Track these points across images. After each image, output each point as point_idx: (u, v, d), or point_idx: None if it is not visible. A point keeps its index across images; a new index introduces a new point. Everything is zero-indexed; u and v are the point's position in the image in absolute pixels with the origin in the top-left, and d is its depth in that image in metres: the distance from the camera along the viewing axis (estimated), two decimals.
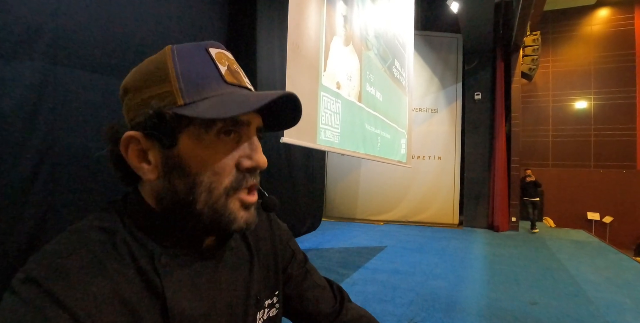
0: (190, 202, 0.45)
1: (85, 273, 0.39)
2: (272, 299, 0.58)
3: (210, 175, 0.45)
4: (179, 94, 0.43)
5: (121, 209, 0.47)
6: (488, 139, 8.12)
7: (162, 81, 0.44)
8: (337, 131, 2.75)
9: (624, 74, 9.45)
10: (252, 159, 0.47)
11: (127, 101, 0.47)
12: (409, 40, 5.42)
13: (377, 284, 3.84)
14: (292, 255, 0.66)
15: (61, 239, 0.42)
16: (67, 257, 0.39)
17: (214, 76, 0.45)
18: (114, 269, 0.41)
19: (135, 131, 0.45)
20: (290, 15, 2.18)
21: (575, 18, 10.03)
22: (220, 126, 0.44)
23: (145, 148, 0.45)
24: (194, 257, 0.48)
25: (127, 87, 0.47)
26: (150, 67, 0.46)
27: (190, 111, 0.43)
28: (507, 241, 6.63)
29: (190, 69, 0.45)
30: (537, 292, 3.78)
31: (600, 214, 9.31)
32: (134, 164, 0.45)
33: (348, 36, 2.97)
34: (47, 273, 0.37)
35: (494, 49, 8.08)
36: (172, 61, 0.45)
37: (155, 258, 0.44)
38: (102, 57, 2.72)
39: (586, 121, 9.72)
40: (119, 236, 0.44)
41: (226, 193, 0.46)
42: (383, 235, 6.87)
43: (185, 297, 0.45)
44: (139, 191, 0.48)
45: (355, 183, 8.73)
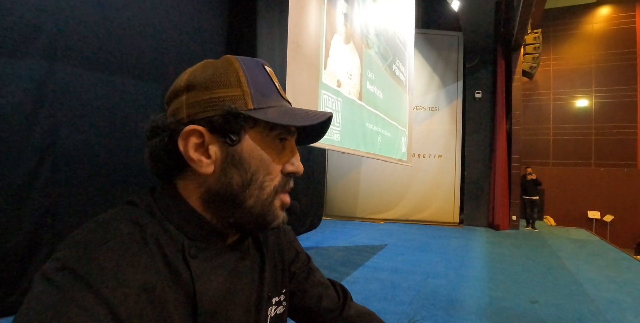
0: (244, 198, 0.49)
1: (119, 263, 0.40)
2: (279, 297, 0.61)
3: (265, 174, 0.50)
4: (250, 98, 0.48)
5: (150, 202, 0.49)
6: (489, 138, 8.12)
7: (233, 85, 0.49)
8: (337, 130, 2.75)
9: (624, 73, 9.44)
10: (295, 165, 0.53)
11: (190, 96, 0.49)
12: (409, 38, 5.41)
13: (377, 282, 3.84)
14: (296, 254, 0.69)
15: (91, 229, 0.43)
16: (100, 247, 0.40)
17: (272, 89, 0.52)
18: (144, 261, 0.42)
19: (199, 126, 0.47)
20: (290, 13, 2.18)
21: (576, 16, 10.01)
22: (278, 132, 0.51)
23: (207, 143, 0.48)
24: (219, 251, 0.51)
25: (195, 83, 0.49)
26: (219, 70, 0.50)
27: (262, 115, 0.48)
28: (507, 240, 6.64)
29: (257, 80, 0.50)
30: (538, 290, 3.78)
31: (600, 212, 9.31)
32: (192, 156, 0.47)
33: (348, 34, 2.97)
34: (83, 262, 0.39)
35: (494, 47, 8.06)
36: (242, 68, 0.50)
37: (185, 250, 0.46)
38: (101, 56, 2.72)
39: (587, 120, 9.71)
40: (148, 228, 0.45)
41: (275, 192, 0.51)
42: (383, 234, 6.87)
43: (211, 288, 0.48)
44: (175, 185, 0.51)
45: (356, 182, 8.73)
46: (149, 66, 3.01)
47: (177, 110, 0.50)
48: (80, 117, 2.58)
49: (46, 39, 2.38)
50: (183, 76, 0.51)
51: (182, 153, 0.48)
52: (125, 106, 2.83)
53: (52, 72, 2.42)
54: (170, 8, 3.19)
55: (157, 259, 0.44)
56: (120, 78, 2.80)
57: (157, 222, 0.47)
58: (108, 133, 2.75)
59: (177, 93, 0.51)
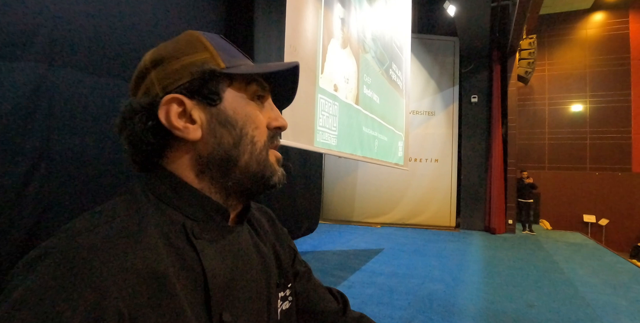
0: (237, 155, 0.48)
1: (113, 247, 0.37)
2: (285, 292, 0.59)
3: (253, 128, 0.49)
4: (220, 59, 0.48)
5: (143, 188, 0.47)
6: (485, 142, 8.16)
7: (200, 50, 0.48)
8: (334, 134, 2.75)
9: (618, 78, 9.53)
10: (278, 121, 0.53)
11: (159, 71, 0.48)
12: (406, 43, 5.44)
13: (374, 287, 3.83)
14: (294, 254, 0.67)
15: (82, 218, 0.41)
16: (92, 231, 0.37)
17: (238, 52, 0.53)
18: (143, 243, 0.39)
19: (176, 94, 0.46)
20: (287, 18, 2.19)
21: (570, 22, 10.11)
22: (254, 89, 0.51)
23: (188, 108, 0.47)
24: (221, 231, 0.49)
25: (161, 57, 0.49)
26: (181, 42, 0.50)
27: (236, 70, 0.48)
28: (503, 244, 6.65)
29: (220, 43, 0.51)
30: (534, 294, 3.78)
31: (596, 216, 9.36)
32: (176, 125, 0.46)
33: (345, 39, 2.98)
34: (71, 247, 0.35)
35: (490, 53, 8.13)
36: (204, 36, 0.50)
37: (187, 229, 0.44)
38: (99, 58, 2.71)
39: (582, 124, 9.78)
40: (146, 212, 0.43)
41: (266, 146, 0.51)
42: (380, 238, 6.87)
43: (221, 269, 0.45)
44: (164, 167, 0.48)
45: (353, 186, 8.74)
46: None
47: (148, 89, 0.48)
48: (76, 121, 2.57)
49: (43, 42, 2.38)
50: (145, 58, 0.51)
51: (165, 125, 0.46)
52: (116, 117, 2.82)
53: (48, 76, 2.41)
54: (168, 12, 3.20)
55: (158, 242, 0.41)
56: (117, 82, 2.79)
57: (153, 205, 0.44)
58: (104, 137, 2.74)
59: (142, 75, 0.49)
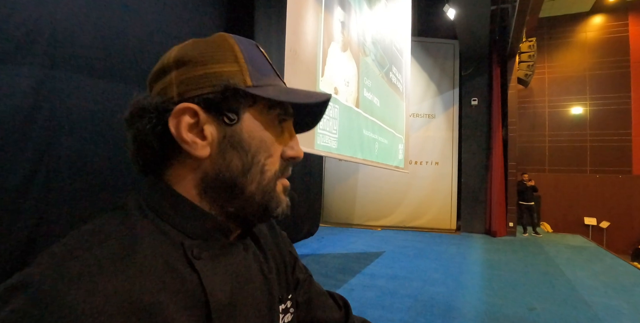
0: (244, 182, 0.44)
1: (100, 274, 0.33)
2: (285, 304, 0.56)
3: (266, 157, 0.46)
4: (248, 75, 0.44)
5: (140, 202, 0.43)
6: (485, 145, 8.16)
7: (230, 60, 0.44)
8: (334, 136, 2.76)
9: (618, 80, 9.54)
10: (295, 150, 0.49)
11: (181, 72, 0.44)
12: (406, 46, 5.45)
13: (375, 290, 3.82)
14: (294, 261, 0.65)
15: (69, 239, 0.37)
16: (73, 260, 0.34)
17: (269, 68, 0.49)
18: (134, 270, 0.36)
19: (193, 104, 0.43)
20: (288, 21, 2.19)
21: (570, 25, 10.13)
22: (277, 113, 0.47)
23: (202, 122, 0.43)
24: (223, 250, 0.46)
25: (186, 59, 0.44)
26: (213, 45, 0.46)
27: (262, 92, 0.44)
28: (504, 247, 6.63)
29: (254, 57, 0.47)
30: (535, 297, 3.77)
31: (597, 219, 9.34)
32: (185, 137, 0.42)
33: (345, 42, 2.99)
34: (48, 277, 0.32)
35: (490, 55, 8.14)
36: (238, 45, 0.46)
37: (186, 250, 0.41)
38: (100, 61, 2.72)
39: (582, 127, 9.78)
40: (139, 230, 0.40)
41: (276, 177, 0.47)
42: (381, 241, 6.86)
43: (222, 291, 0.42)
44: (162, 177, 0.45)
45: (353, 189, 8.73)
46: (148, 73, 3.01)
47: (165, 89, 0.44)
48: (77, 124, 2.58)
49: (44, 45, 2.39)
50: (171, 53, 0.46)
51: (173, 135, 0.42)
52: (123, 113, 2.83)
53: (50, 79, 2.42)
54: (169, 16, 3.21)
55: (152, 265, 0.37)
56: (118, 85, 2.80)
57: (149, 222, 0.41)
58: (105, 140, 2.74)
59: (164, 71, 0.46)
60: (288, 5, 2.19)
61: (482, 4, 6.20)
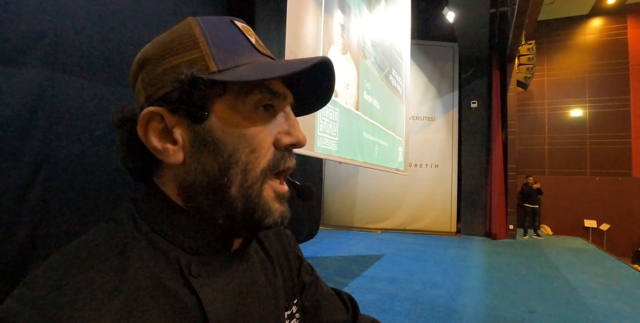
0: (224, 185, 0.39)
1: (83, 310, 0.30)
2: (291, 309, 0.53)
3: (247, 153, 0.39)
4: (211, 59, 0.38)
5: (134, 213, 0.40)
6: (485, 147, 8.16)
7: (189, 47, 0.39)
8: (334, 139, 2.76)
9: (617, 83, 9.55)
10: (292, 135, 0.42)
11: (144, 75, 0.40)
12: (405, 49, 5.47)
13: (375, 293, 3.81)
14: (300, 263, 0.61)
15: (54, 264, 0.34)
16: (54, 292, 0.31)
17: (245, 44, 0.41)
18: (126, 295, 0.33)
19: (158, 107, 0.38)
20: (288, 24, 2.20)
21: (569, 27, 10.16)
22: (258, 98, 0.40)
23: (170, 126, 0.39)
24: (223, 262, 0.42)
25: (146, 58, 0.41)
26: (173, 36, 0.41)
27: (228, 76, 0.38)
28: (505, 249, 6.63)
29: (220, 35, 0.40)
30: (536, 300, 3.76)
31: (597, 221, 9.33)
32: (155, 145, 0.38)
33: (345, 45, 3.00)
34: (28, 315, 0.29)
35: (489, 58, 8.17)
36: (199, 26, 0.40)
37: (183, 268, 0.37)
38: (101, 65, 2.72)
39: (581, 129, 9.79)
40: (131, 249, 0.36)
41: (263, 176, 0.40)
42: (381, 243, 6.85)
43: (223, 307, 0.39)
44: (156, 184, 0.41)
45: (353, 191, 8.73)
46: None
47: (137, 96, 0.41)
48: (77, 127, 2.58)
49: (45, 48, 2.39)
50: (137, 55, 0.42)
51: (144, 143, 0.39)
52: None
53: (50, 82, 2.42)
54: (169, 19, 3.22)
55: (144, 289, 0.34)
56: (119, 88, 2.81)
57: (143, 238, 0.38)
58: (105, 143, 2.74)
59: (134, 76, 0.42)
60: (288, 8, 2.19)
61: (481, 7, 6.22)
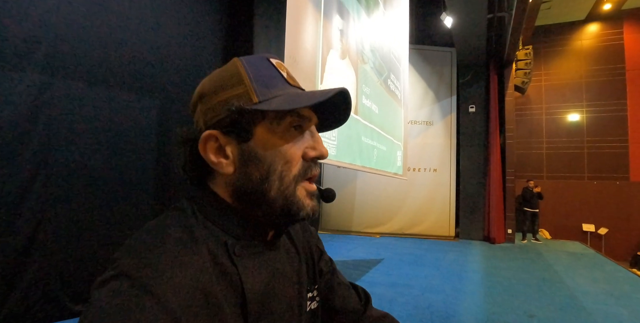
0: (265, 190, 0.50)
1: (173, 267, 0.41)
2: (312, 292, 0.63)
3: (282, 164, 0.51)
4: (253, 93, 0.50)
5: (193, 206, 0.51)
6: (483, 152, 8.18)
7: (236, 84, 0.51)
8: (333, 143, 2.77)
9: (614, 88, 9.62)
10: (316, 150, 0.54)
11: (202, 105, 0.52)
12: (404, 54, 5.49)
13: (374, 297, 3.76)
14: (320, 253, 0.71)
15: (142, 236, 0.45)
16: (153, 252, 0.42)
17: (279, 78, 0.53)
18: (196, 263, 0.44)
19: (214, 130, 0.50)
20: (287, 29, 2.21)
21: (565, 33, 10.24)
22: (289, 121, 0.51)
23: (223, 144, 0.51)
24: (260, 248, 0.53)
25: (204, 92, 0.53)
26: (224, 74, 0.53)
27: (266, 106, 0.49)
28: (503, 254, 6.62)
29: (259, 72, 0.52)
30: (535, 304, 3.76)
31: (595, 225, 9.34)
32: (212, 160, 0.50)
33: (344, 50, 3.01)
34: (138, 267, 0.40)
35: (487, 63, 8.21)
36: (243, 66, 0.52)
37: (229, 248, 0.49)
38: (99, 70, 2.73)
39: (579, 134, 9.83)
40: (196, 231, 0.47)
41: (295, 181, 0.52)
42: (380, 248, 6.84)
43: (257, 283, 0.50)
44: (211, 188, 0.53)
45: (352, 196, 8.72)
46: (147, 80, 3.03)
47: (196, 121, 0.53)
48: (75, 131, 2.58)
49: (44, 53, 2.40)
50: (197, 89, 0.54)
51: (204, 158, 0.51)
52: (121, 120, 2.84)
53: (49, 86, 2.43)
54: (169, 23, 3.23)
55: (207, 260, 0.45)
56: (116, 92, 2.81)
57: (201, 224, 0.49)
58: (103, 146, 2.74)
59: (193, 105, 0.55)
60: (287, 13, 2.21)
61: (478, 13, 6.26)
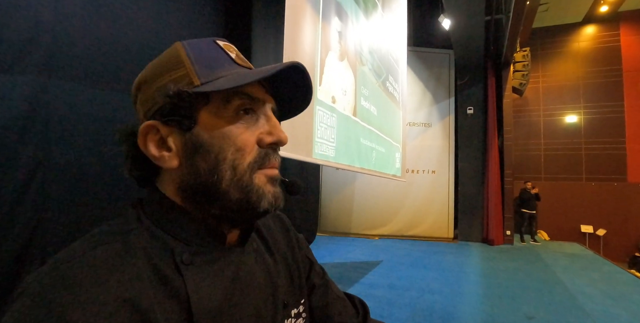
0: (215, 182, 0.44)
1: (92, 280, 0.35)
2: (298, 308, 0.56)
3: (233, 152, 0.44)
4: (194, 75, 0.44)
5: (138, 211, 0.46)
6: (481, 153, 8.19)
7: (175, 67, 0.45)
8: (332, 145, 2.77)
9: (611, 89, 9.66)
10: (273, 135, 0.47)
11: (141, 95, 0.47)
12: (402, 56, 5.51)
13: (373, 300, 3.79)
14: (310, 265, 0.65)
15: (71, 246, 0.40)
16: (68, 263, 0.36)
17: (225, 59, 0.47)
18: (125, 274, 0.38)
19: (153, 120, 0.45)
20: (286, 31, 2.22)
21: (563, 35, 10.29)
22: (238, 103, 0.45)
23: (164, 135, 0.45)
24: (216, 254, 0.46)
25: (140, 81, 0.47)
26: (162, 59, 0.47)
27: (208, 87, 0.43)
28: (502, 255, 6.62)
29: (202, 54, 0.46)
30: (534, 305, 3.76)
31: (593, 227, 9.36)
32: (154, 154, 0.45)
33: (343, 52, 3.02)
34: (50, 282, 0.35)
35: (485, 65, 8.23)
36: (184, 48, 0.46)
37: (175, 255, 0.42)
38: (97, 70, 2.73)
39: (576, 135, 9.86)
40: (132, 236, 0.41)
41: (250, 169, 0.46)
42: (378, 250, 6.83)
43: (210, 296, 0.42)
44: (157, 187, 0.47)
45: (350, 198, 8.71)
46: None
47: (137, 112, 0.48)
48: (72, 132, 2.57)
49: (42, 54, 2.39)
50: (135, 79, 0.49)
51: (145, 154, 0.45)
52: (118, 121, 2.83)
53: (47, 88, 2.42)
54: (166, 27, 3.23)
55: (142, 269, 0.39)
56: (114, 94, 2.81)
57: (145, 230, 0.43)
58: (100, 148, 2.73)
59: (134, 97, 0.49)
60: (286, 15, 2.21)
61: (476, 15, 6.28)
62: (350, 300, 0.67)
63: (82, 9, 2.63)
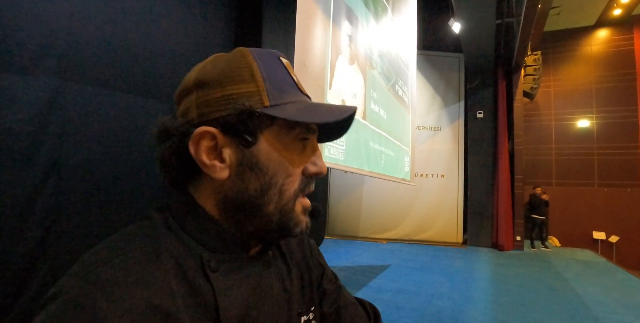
0: (261, 204, 0.45)
1: (122, 284, 0.36)
2: (308, 315, 0.56)
3: (285, 177, 0.45)
4: (265, 95, 0.44)
5: (166, 214, 0.46)
6: (491, 158, 8.12)
7: (248, 80, 0.44)
8: (341, 148, 2.77)
9: (624, 94, 9.52)
10: (317, 166, 0.49)
11: (201, 94, 0.45)
12: (412, 59, 5.50)
13: (381, 304, 3.77)
14: (322, 271, 0.65)
15: (100, 248, 0.40)
16: (102, 267, 0.36)
17: (291, 83, 0.48)
18: (155, 278, 0.38)
19: (211, 127, 0.43)
20: (297, 35, 2.23)
21: (575, 38, 10.18)
22: (298, 132, 0.46)
23: (220, 145, 0.44)
24: (242, 263, 0.47)
25: (206, 80, 0.45)
26: (233, 64, 0.46)
27: (279, 113, 0.44)
28: (512, 261, 6.55)
29: (272, 73, 0.46)
30: (545, 312, 3.70)
31: (606, 233, 9.20)
32: (204, 161, 0.43)
33: (353, 55, 3.02)
34: (79, 285, 0.35)
35: (495, 69, 8.18)
36: (255, 62, 0.46)
37: (204, 262, 0.42)
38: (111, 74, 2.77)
39: (589, 140, 9.73)
40: (162, 241, 0.42)
41: (295, 196, 0.47)
42: (386, 254, 6.80)
43: (235, 303, 0.43)
44: (190, 193, 0.47)
45: (358, 201, 8.69)
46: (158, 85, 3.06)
47: (187, 110, 0.46)
48: (87, 134, 2.61)
49: (57, 57, 2.44)
50: (191, 73, 0.48)
51: (193, 158, 0.44)
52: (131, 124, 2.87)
53: (61, 90, 2.46)
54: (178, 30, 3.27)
55: (171, 275, 0.39)
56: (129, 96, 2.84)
57: (173, 234, 0.43)
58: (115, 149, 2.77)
59: (186, 91, 0.47)
60: (297, 19, 2.22)
61: (486, 18, 6.26)
62: (362, 304, 0.67)
63: (96, 15, 2.68)
